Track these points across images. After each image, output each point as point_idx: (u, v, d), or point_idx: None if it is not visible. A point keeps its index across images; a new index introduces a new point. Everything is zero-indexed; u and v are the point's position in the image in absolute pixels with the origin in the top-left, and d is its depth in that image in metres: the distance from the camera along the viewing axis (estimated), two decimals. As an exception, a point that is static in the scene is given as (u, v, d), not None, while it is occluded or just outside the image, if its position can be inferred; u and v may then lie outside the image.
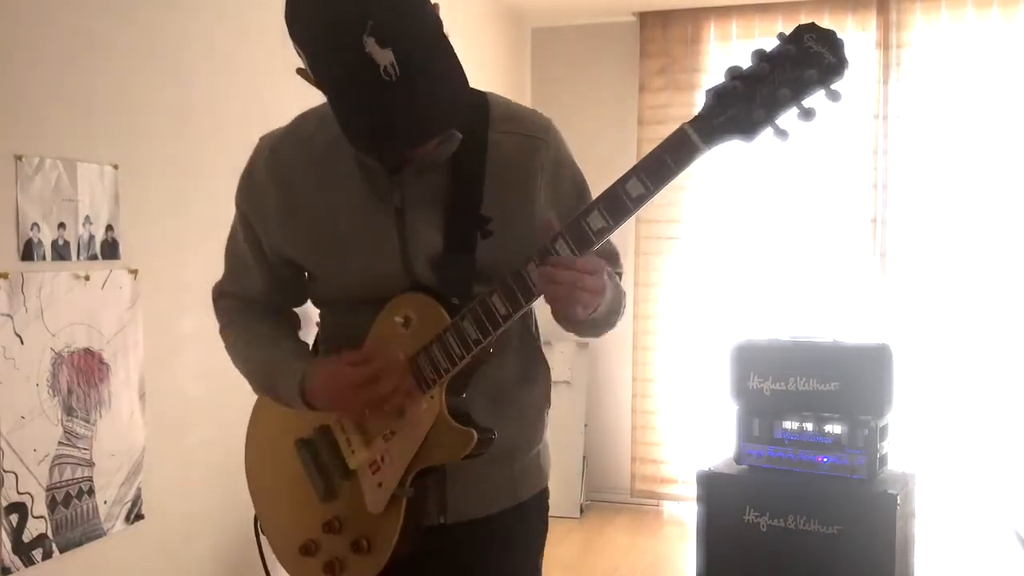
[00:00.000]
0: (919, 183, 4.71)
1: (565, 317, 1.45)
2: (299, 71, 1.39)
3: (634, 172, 1.35)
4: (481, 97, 1.55)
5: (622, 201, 1.35)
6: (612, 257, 1.66)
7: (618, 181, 1.36)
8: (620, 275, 1.68)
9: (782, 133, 1.30)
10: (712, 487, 3.46)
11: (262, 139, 1.62)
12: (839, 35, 1.27)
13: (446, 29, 1.37)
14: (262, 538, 1.78)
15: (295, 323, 1.78)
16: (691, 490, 3.69)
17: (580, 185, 1.63)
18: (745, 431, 3.48)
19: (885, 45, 4.70)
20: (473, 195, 1.50)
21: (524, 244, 1.45)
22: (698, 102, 5.29)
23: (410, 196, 1.51)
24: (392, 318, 1.52)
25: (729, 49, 4.97)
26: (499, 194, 1.51)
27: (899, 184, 4.74)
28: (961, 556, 4.24)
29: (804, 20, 1.33)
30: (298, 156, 1.56)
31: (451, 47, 1.36)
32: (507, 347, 1.59)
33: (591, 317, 1.46)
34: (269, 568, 1.78)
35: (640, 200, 1.34)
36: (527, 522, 1.72)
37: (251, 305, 1.72)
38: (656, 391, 5.20)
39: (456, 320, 1.46)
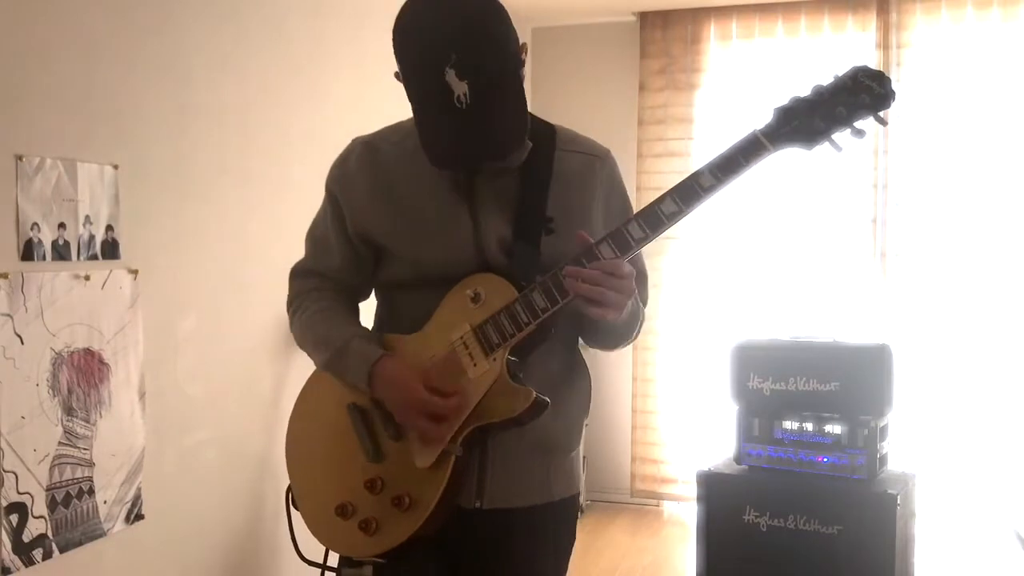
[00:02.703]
0: (919, 183, 4.71)
1: (591, 315, 1.58)
2: (396, 75, 1.61)
3: (707, 167, 1.57)
4: (550, 125, 1.78)
5: (694, 191, 1.57)
6: (640, 277, 1.79)
7: (690, 176, 1.57)
8: (645, 301, 1.84)
9: (837, 146, 1.54)
10: (712, 487, 3.46)
11: (355, 139, 1.80)
12: (887, 75, 1.53)
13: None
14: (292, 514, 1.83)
15: (358, 314, 1.89)
16: (691, 490, 3.69)
17: (629, 211, 1.80)
18: (745, 431, 3.49)
19: (885, 45, 4.69)
20: (539, 198, 1.70)
21: None
22: (697, 102, 5.28)
23: (482, 196, 1.69)
24: (463, 292, 1.66)
25: (729, 49, 4.95)
26: (561, 199, 1.71)
27: (899, 184, 4.74)
28: (961, 556, 4.24)
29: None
30: (388, 151, 1.75)
31: (521, 84, 1.60)
32: (555, 347, 1.72)
33: (611, 323, 1.61)
34: (298, 540, 1.86)
35: (710, 190, 1.56)
36: (557, 522, 1.82)
37: (326, 283, 1.84)
38: (656, 391, 5.20)
39: (525, 292, 1.61)
